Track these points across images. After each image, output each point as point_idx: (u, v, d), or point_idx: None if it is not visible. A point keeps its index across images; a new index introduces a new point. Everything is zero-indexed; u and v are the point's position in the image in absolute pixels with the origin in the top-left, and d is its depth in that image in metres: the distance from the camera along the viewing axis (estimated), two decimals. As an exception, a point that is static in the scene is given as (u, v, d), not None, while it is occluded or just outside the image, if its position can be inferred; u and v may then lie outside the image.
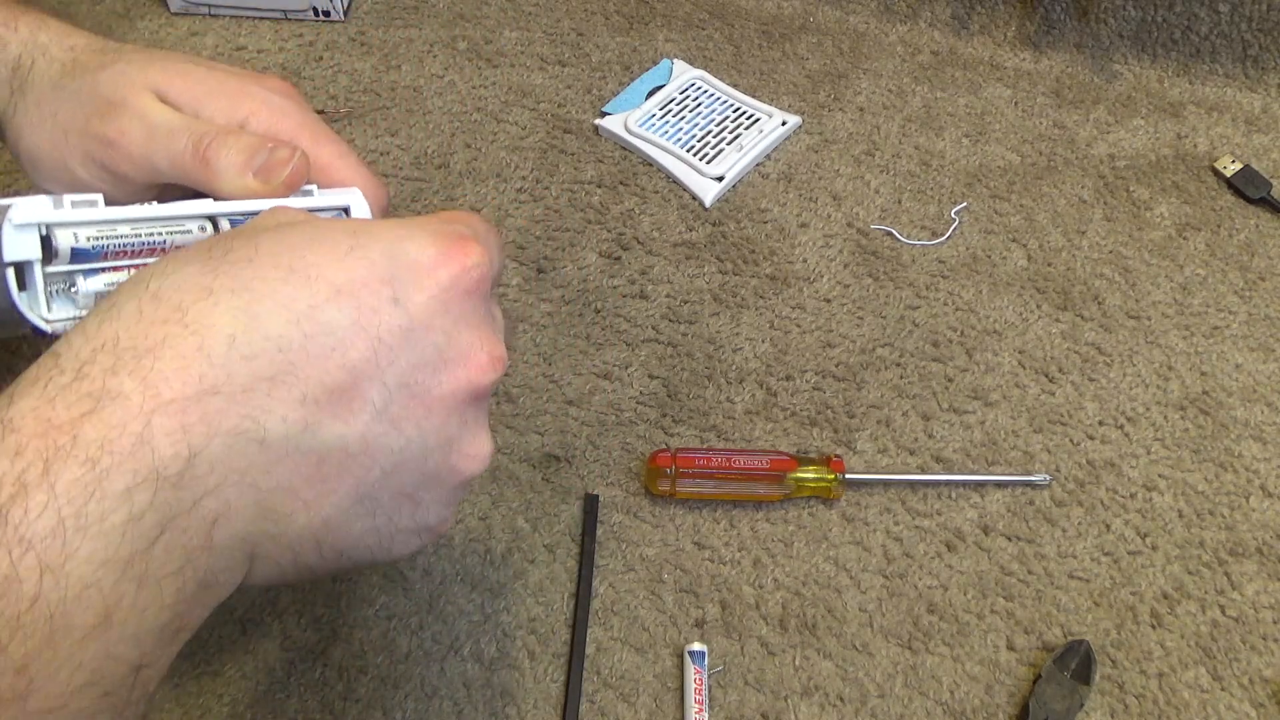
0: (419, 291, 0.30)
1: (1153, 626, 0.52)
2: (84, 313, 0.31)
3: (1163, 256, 0.69)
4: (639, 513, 0.56)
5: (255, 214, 0.36)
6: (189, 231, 0.34)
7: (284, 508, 0.29)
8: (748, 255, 0.68)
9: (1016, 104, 0.78)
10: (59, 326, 0.30)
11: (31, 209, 0.30)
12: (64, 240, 0.31)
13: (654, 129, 0.74)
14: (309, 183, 0.38)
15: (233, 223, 0.35)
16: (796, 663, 0.51)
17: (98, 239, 0.32)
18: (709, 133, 0.74)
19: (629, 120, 0.74)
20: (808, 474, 0.55)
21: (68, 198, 0.33)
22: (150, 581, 0.26)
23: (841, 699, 0.50)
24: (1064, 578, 0.54)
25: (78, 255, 0.31)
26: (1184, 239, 0.70)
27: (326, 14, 0.82)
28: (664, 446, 0.58)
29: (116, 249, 0.32)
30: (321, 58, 0.80)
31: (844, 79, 0.80)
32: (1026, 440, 0.59)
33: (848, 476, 0.56)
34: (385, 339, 0.29)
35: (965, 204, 0.71)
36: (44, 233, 0.31)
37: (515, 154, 0.74)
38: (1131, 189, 0.73)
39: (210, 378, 0.27)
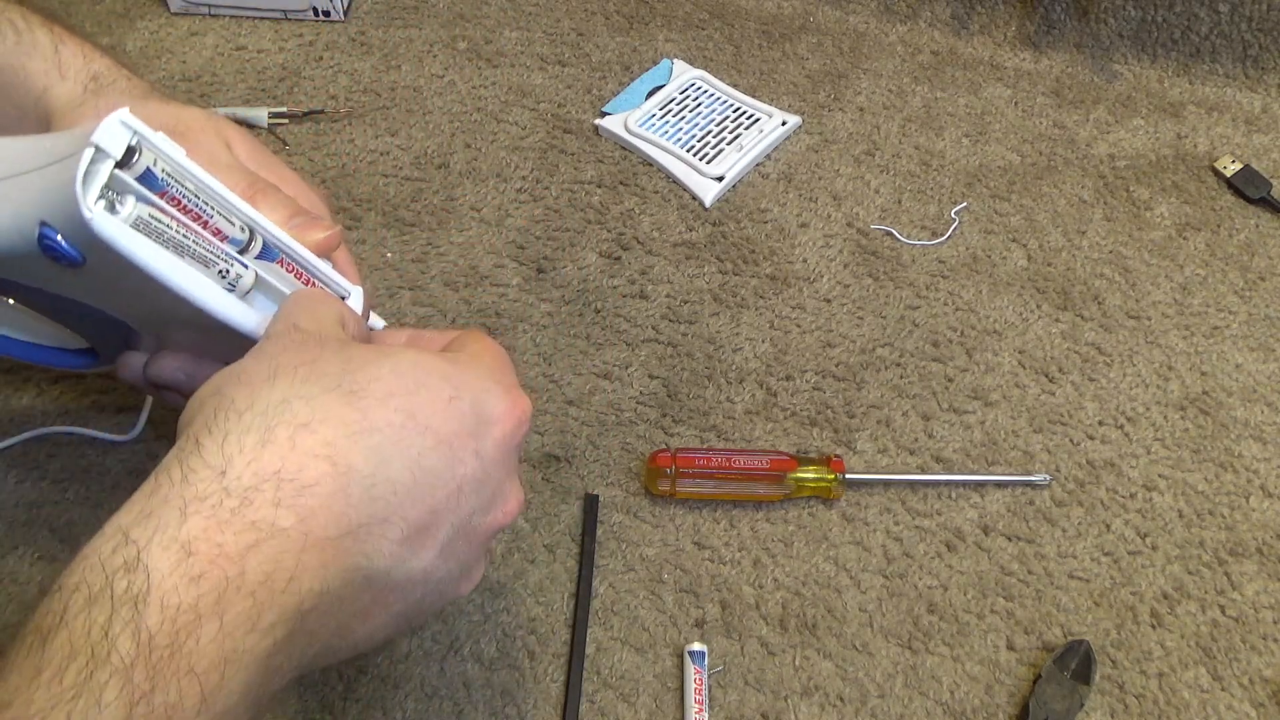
0: (490, 443, 0.34)
1: (1153, 626, 0.52)
2: (120, 224, 0.32)
3: (1163, 256, 0.69)
4: (639, 513, 0.56)
5: (282, 244, 0.39)
6: (233, 224, 0.37)
7: (353, 625, 0.32)
8: (748, 255, 0.68)
9: (1016, 104, 0.78)
10: (94, 224, 0.32)
11: (134, 116, 0.33)
12: (146, 156, 0.33)
13: (654, 129, 0.74)
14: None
15: (265, 243, 0.38)
16: (796, 663, 0.51)
17: (168, 175, 0.34)
18: (709, 133, 0.74)
19: (629, 120, 0.74)
20: (808, 474, 0.55)
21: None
22: (263, 696, 0.29)
23: (841, 699, 0.50)
24: (1064, 578, 0.54)
25: (145, 178, 0.33)
26: (1184, 239, 0.70)
27: (326, 14, 0.82)
28: (664, 446, 0.58)
29: (175, 194, 0.35)
30: (321, 58, 0.80)
31: (844, 79, 0.80)
32: (1026, 440, 0.59)
33: (848, 476, 0.56)
34: (464, 486, 0.33)
35: (965, 204, 0.71)
36: (133, 142, 0.33)
37: (515, 154, 0.74)
38: (1131, 189, 0.73)
39: (348, 518, 0.29)
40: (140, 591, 0.26)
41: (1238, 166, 0.73)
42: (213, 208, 0.36)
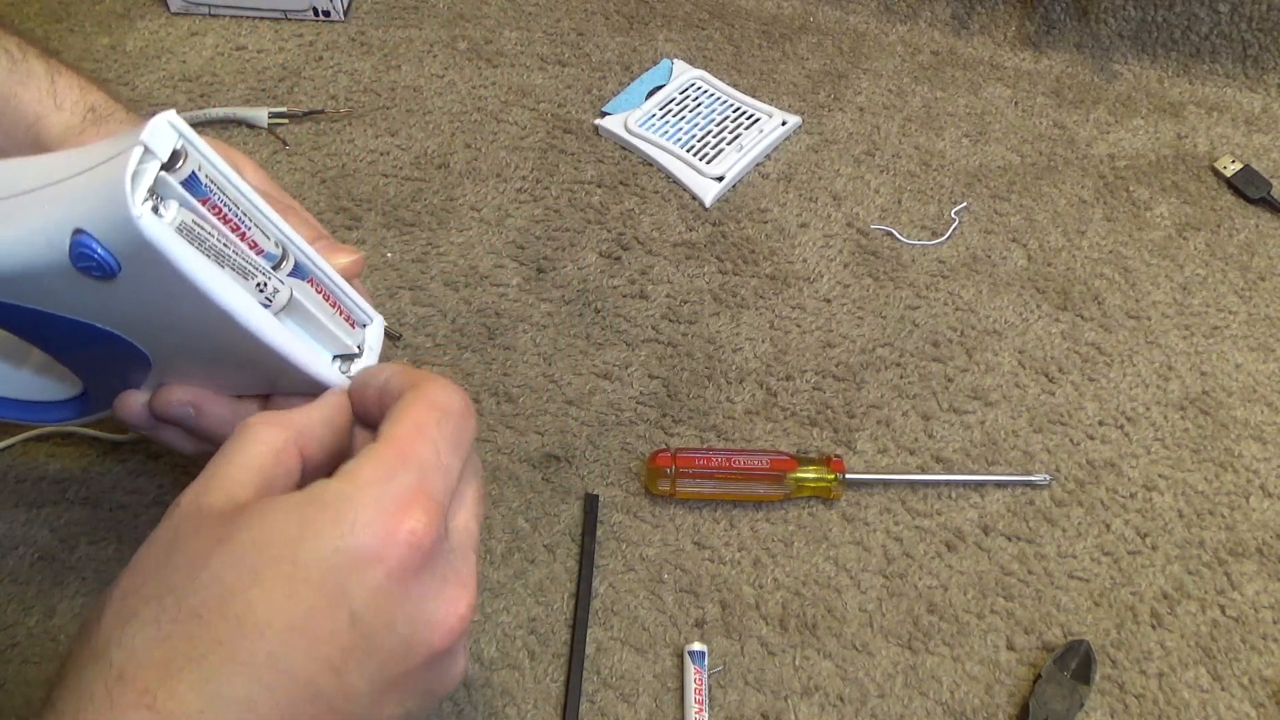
0: (371, 592, 0.29)
1: (1153, 626, 0.52)
2: (165, 227, 0.31)
3: (1163, 256, 0.69)
4: (639, 513, 0.56)
5: (313, 262, 0.38)
6: (268, 239, 0.36)
7: None
8: (748, 255, 0.68)
9: (1016, 104, 0.78)
10: (142, 223, 0.31)
11: (182, 120, 0.33)
12: (191, 160, 0.33)
13: (654, 129, 0.74)
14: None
15: (297, 261, 0.37)
16: (796, 663, 0.51)
17: (211, 182, 0.34)
18: (709, 133, 0.74)
19: (629, 120, 0.74)
20: (808, 474, 0.55)
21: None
22: None
23: (841, 699, 0.50)
24: (1064, 578, 0.54)
25: (189, 183, 0.33)
26: (1184, 239, 0.70)
27: (326, 14, 0.82)
28: (664, 446, 0.58)
29: (216, 202, 0.34)
30: (321, 58, 0.80)
31: (844, 79, 0.80)
32: (1026, 440, 0.59)
33: (848, 476, 0.56)
34: (349, 661, 0.28)
35: (965, 204, 0.71)
36: (178, 145, 0.32)
37: (515, 154, 0.74)
38: (1131, 189, 0.73)
39: None
40: None
41: (1238, 166, 0.73)
42: (251, 220, 0.35)
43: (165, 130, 0.31)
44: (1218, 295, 0.67)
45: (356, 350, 0.40)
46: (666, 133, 0.74)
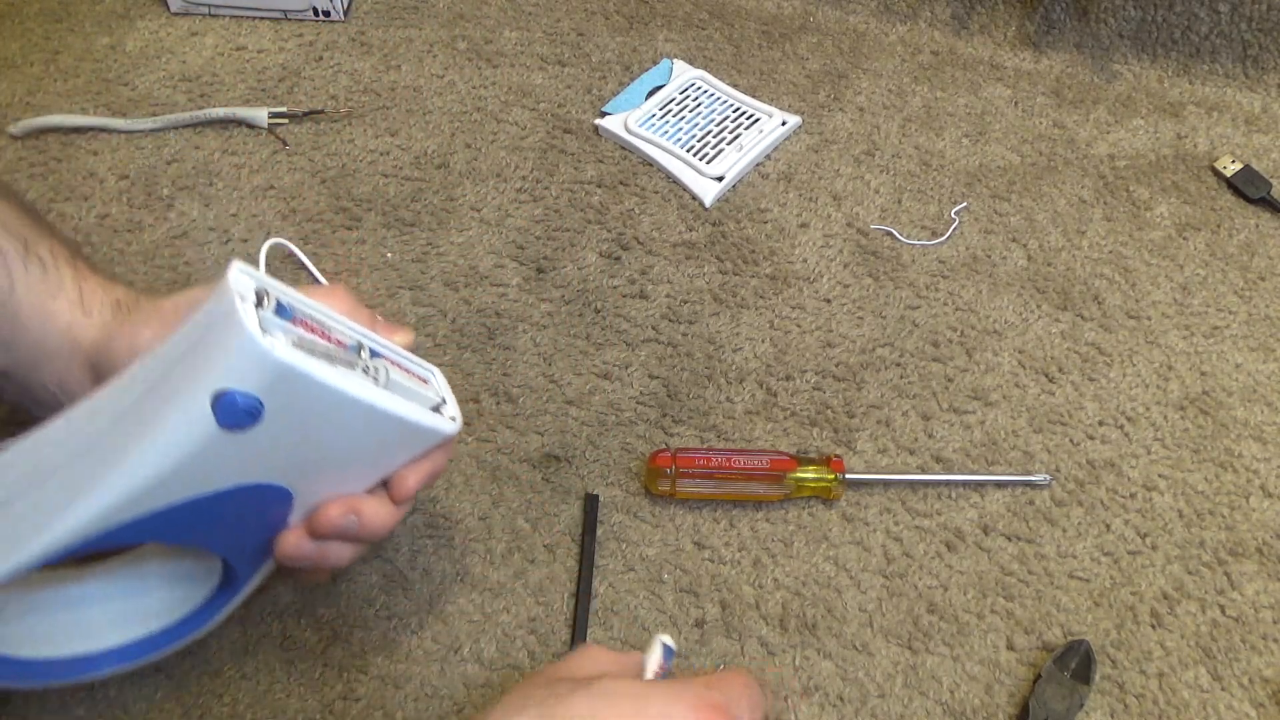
0: None
1: (1153, 626, 0.52)
2: (289, 347, 0.35)
3: (1163, 256, 0.69)
4: (639, 513, 0.56)
5: (380, 344, 0.42)
6: (346, 334, 0.40)
7: None
8: (748, 255, 0.68)
9: (1016, 104, 0.78)
10: (274, 349, 0.34)
11: (247, 265, 0.36)
12: (271, 295, 0.36)
13: (654, 129, 0.74)
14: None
15: (373, 352, 0.41)
16: (796, 663, 0.51)
17: (292, 303, 0.37)
18: (709, 133, 0.74)
19: (629, 120, 0.74)
20: (808, 474, 0.55)
21: None
22: None
23: (841, 699, 0.50)
24: (1064, 578, 0.54)
25: (279, 310, 0.36)
26: (1184, 239, 0.70)
27: (326, 14, 0.82)
28: (664, 446, 0.58)
29: (302, 317, 0.38)
30: (321, 58, 0.80)
31: (844, 79, 0.80)
32: (1026, 440, 0.59)
33: (848, 476, 0.56)
34: None
35: (965, 204, 0.71)
36: (257, 286, 0.36)
37: (515, 154, 0.74)
38: (1131, 189, 0.73)
39: None
40: None
41: (1238, 166, 0.73)
42: (329, 324, 0.39)
43: (244, 276, 0.35)
44: (1218, 295, 0.67)
45: (439, 399, 0.43)
46: (666, 133, 0.74)
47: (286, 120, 0.75)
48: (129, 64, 0.79)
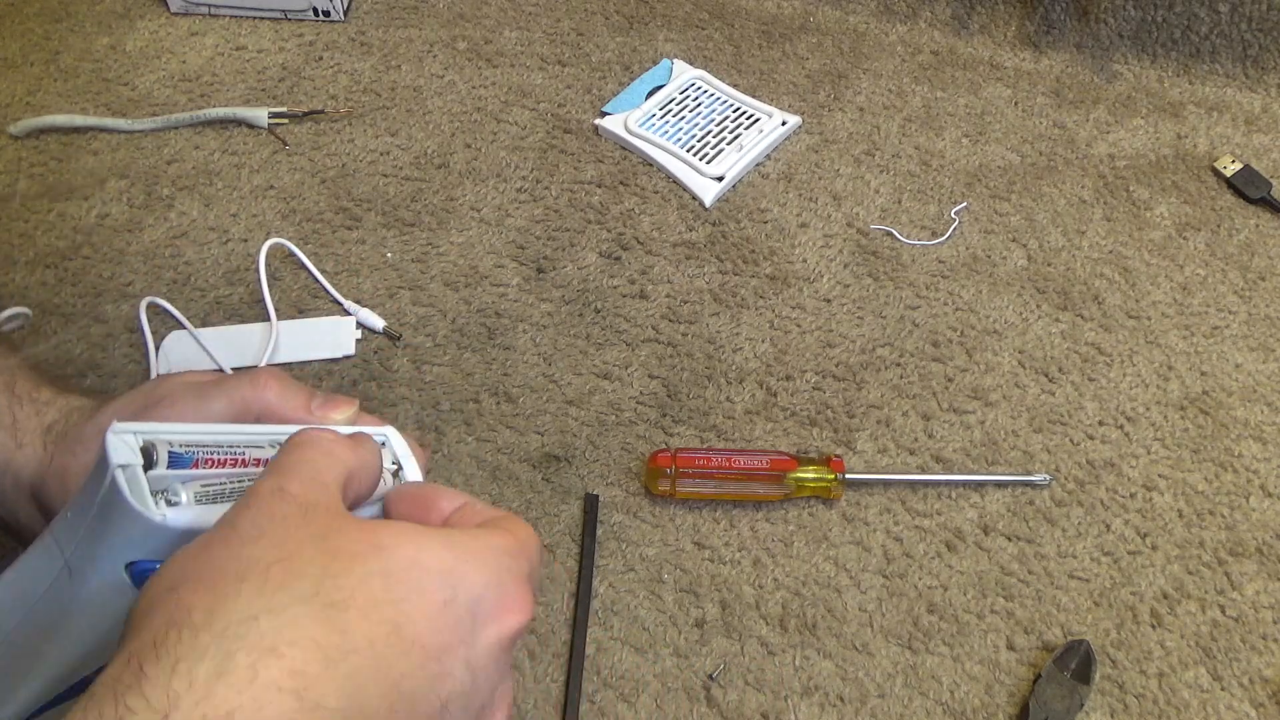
0: (482, 649, 0.30)
1: (1153, 626, 0.52)
2: (188, 509, 0.33)
3: (1163, 256, 0.69)
4: (639, 513, 0.56)
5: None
6: (262, 447, 0.37)
7: None
8: (748, 255, 0.68)
9: (1016, 104, 0.78)
10: (171, 519, 0.32)
11: (128, 423, 0.34)
12: (161, 445, 0.34)
13: (654, 129, 0.74)
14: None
15: None
16: (796, 663, 0.51)
17: (188, 446, 0.35)
18: (709, 133, 0.74)
19: (629, 120, 0.74)
20: (808, 474, 0.55)
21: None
22: None
23: (841, 699, 0.50)
24: (1064, 578, 0.54)
25: (174, 462, 0.34)
26: (1184, 239, 0.70)
27: (326, 14, 0.82)
28: (664, 446, 0.58)
29: (205, 456, 0.35)
30: (321, 58, 0.80)
31: (844, 79, 0.80)
32: (1026, 440, 0.59)
33: (848, 476, 0.56)
34: (449, 704, 0.29)
35: (965, 204, 0.71)
36: (141, 443, 0.33)
37: (515, 154, 0.74)
38: (1131, 189, 0.73)
39: None
40: None
41: (1238, 166, 0.73)
42: (238, 445, 0.37)
43: (123, 441, 0.32)
44: (1218, 295, 0.67)
45: (393, 466, 0.40)
46: (666, 133, 0.74)
47: (286, 120, 0.75)
48: (129, 64, 0.79)
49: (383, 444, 0.40)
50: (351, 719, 0.26)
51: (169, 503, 0.33)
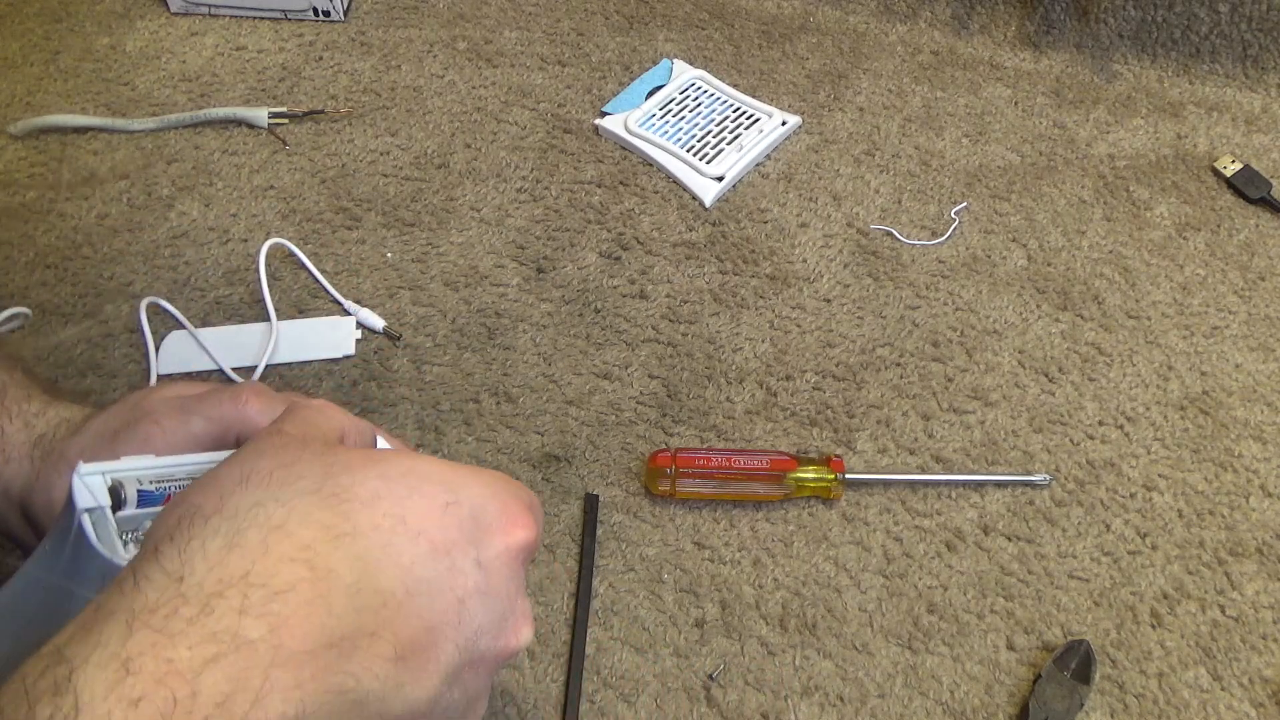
0: (493, 553, 0.31)
1: (1153, 626, 0.52)
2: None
3: (1163, 256, 0.69)
4: (639, 513, 0.56)
5: None
6: None
7: None
8: (748, 255, 0.68)
9: (1016, 104, 0.78)
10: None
11: (96, 463, 0.33)
12: (129, 485, 0.33)
13: (654, 129, 0.74)
14: None
15: None
16: (796, 663, 0.51)
17: (159, 483, 0.34)
18: (709, 133, 0.74)
19: (629, 120, 0.74)
20: (808, 474, 0.55)
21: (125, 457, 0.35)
22: None
23: (841, 699, 0.50)
24: (1064, 578, 0.54)
25: (143, 500, 0.34)
26: (1184, 239, 0.70)
27: (326, 14, 0.82)
28: (664, 446, 0.58)
29: (177, 488, 0.34)
30: (321, 58, 0.80)
31: (844, 79, 0.80)
32: (1026, 440, 0.59)
33: (848, 476, 0.55)
34: (466, 600, 0.30)
35: (965, 204, 0.71)
36: (109, 482, 0.33)
37: (515, 154, 0.74)
38: (1131, 189, 0.73)
39: (329, 629, 0.26)
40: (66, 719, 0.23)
41: (1238, 166, 0.73)
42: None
43: (88, 484, 0.32)
44: (1218, 295, 0.67)
45: None
46: (666, 133, 0.74)
47: (286, 120, 0.75)
48: (129, 64, 0.79)
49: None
50: (365, 593, 0.27)
51: (137, 542, 0.32)
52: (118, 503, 0.33)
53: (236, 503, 0.27)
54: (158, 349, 0.61)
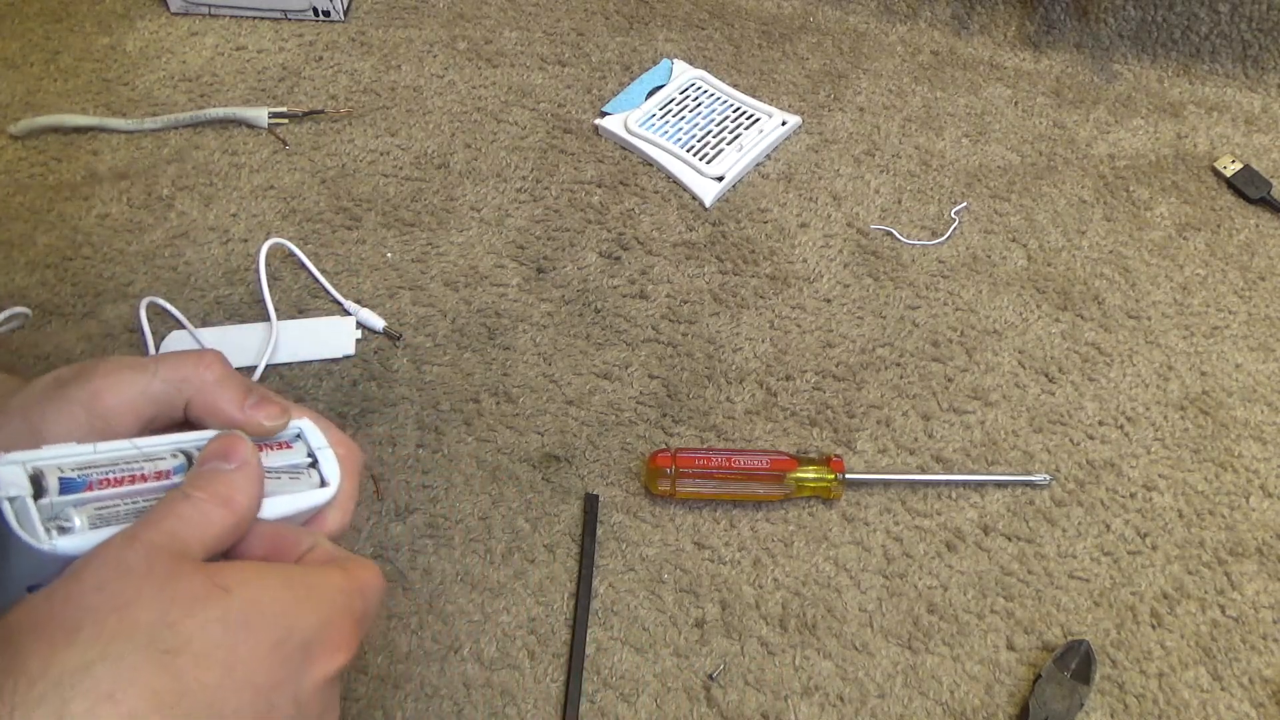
0: (311, 683, 0.31)
1: (1153, 626, 0.52)
2: (81, 535, 0.33)
3: (1163, 256, 0.69)
4: (639, 513, 0.56)
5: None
6: (163, 458, 0.36)
7: None
8: (748, 255, 0.68)
9: (1016, 104, 0.78)
10: (61, 547, 0.32)
11: (16, 452, 0.33)
12: (50, 473, 0.33)
13: (654, 129, 0.74)
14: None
15: (199, 450, 0.37)
16: (796, 663, 0.51)
17: (80, 470, 0.34)
18: (709, 133, 0.74)
19: (629, 120, 0.74)
20: (808, 474, 0.55)
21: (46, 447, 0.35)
22: None
23: (841, 699, 0.50)
24: (1064, 578, 0.54)
25: (66, 487, 0.33)
26: (1184, 239, 0.70)
27: (326, 14, 0.82)
28: (664, 446, 0.58)
29: (99, 477, 0.34)
30: (321, 58, 0.80)
31: (844, 79, 0.80)
32: (1026, 440, 0.59)
33: (848, 476, 0.56)
34: None
35: (965, 204, 0.71)
36: (30, 471, 0.33)
37: (515, 154, 0.74)
38: (1131, 189, 0.73)
39: None
40: None
41: (1238, 166, 0.73)
42: (137, 462, 0.36)
43: (9, 475, 0.32)
44: (1218, 295, 0.67)
45: (306, 462, 0.40)
46: (666, 133, 0.74)
47: (286, 120, 0.75)
48: (129, 64, 0.79)
49: (297, 435, 0.40)
50: None
51: (61, 529, 0.32)
52: (39, 490, 0.33)
53: (63, 665, 0.27)
54: (158, 349, 0.61)
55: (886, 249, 0.69)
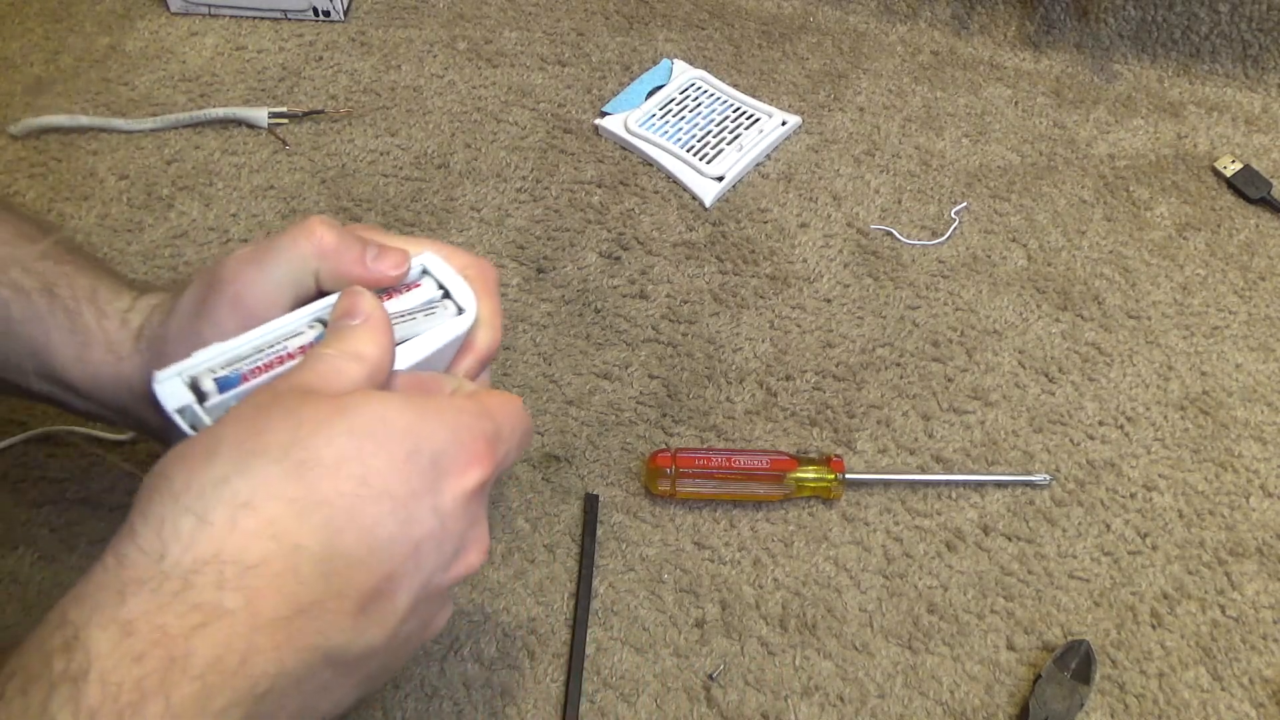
0: (450, 497, 0.32)
1: (1153, 626, 0.52)
2: None
3: (1163, 256, 0.69)
4: (639, 513, 0.56)
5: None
6: (301, 333, 0.38)
7: (315, 702, 0.31)
8: (748, 255, 0.68)
9: (1016, 104, 0.78)
10: None
11: (168, 367, 0.35)
12: (205, 378, 0.35)
13: (654, 129, 0.74)
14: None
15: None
16: (796, 663, 0.51)
17: (231, 365, 0.36)
18: (709, 133, 0.74)
19: (629, 120, 0.74)
20: (808, 474, 0.55)
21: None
22: None
23: (841, 699, 0.50)
24: (1064, 578, 0.54)
25: (223, 385, 0.35)
26: (1184, 239, 0.70)
27: (326, 14, 0.82)
28: (664, 446, 0.58)
29: (250, 368, 0.36)
30: (321, 58, 0.80)
31: (844, 79, 0.80)
32: (1026, 440, 0.59)
33: (848, 476, 0.56)
34: (422, 546, 0.32)
35: (965, 204, 0.71)
36: (187, 381, 0.35)
37: (515, 154, 0.74)
38: (1131, 189, 0.73)
39: (300, 597, 0.29)
40: (79, 670, 0.25)
41: (1238, 166, 0.73)
42: (280, 343, 0.37)
43: (170, 389, 0.35)
44: (1218, 295, 0.67)
45: (437, 295, 0.40)
46: (666, 133, 0.74)
47: (286, 120, 0.75)
48: (129, 64, 0.79)
49: (423, 272, 0.40)
50: (330, 559, 0.29)
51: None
52: (200, 396, 0.35)
53: (203, 478, 0.29)
54: (158, 349, 0.61)
55: (886, 249, 0.69)
